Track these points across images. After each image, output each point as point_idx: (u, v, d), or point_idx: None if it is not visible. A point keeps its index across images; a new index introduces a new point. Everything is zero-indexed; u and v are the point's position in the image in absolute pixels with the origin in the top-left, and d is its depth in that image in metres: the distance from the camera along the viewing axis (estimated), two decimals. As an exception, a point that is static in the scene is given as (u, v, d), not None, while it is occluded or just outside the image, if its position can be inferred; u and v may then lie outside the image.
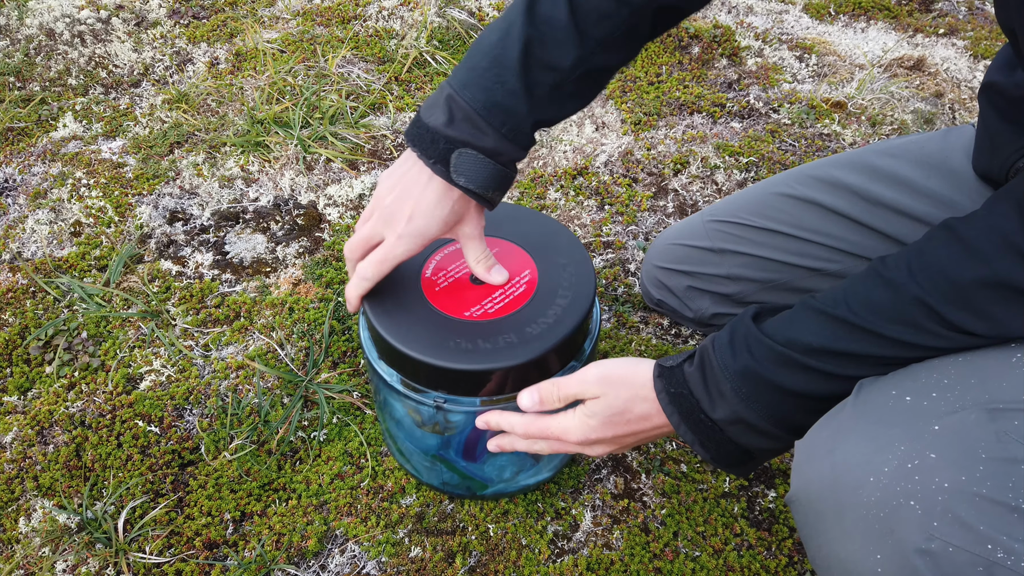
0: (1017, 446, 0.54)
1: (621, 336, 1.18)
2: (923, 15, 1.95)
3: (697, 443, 0.68)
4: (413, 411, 0.87)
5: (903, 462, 0.56)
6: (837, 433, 0.61)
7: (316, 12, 1.86)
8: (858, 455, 0.58)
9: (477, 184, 0.75)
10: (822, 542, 0.62)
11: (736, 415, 0.65)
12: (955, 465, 0.55)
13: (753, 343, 0.65)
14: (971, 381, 0.59)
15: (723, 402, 0.65)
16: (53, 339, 1.17)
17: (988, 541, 0.53)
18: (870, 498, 0.57)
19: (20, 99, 1.62)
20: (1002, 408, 0.56)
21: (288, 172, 1.44)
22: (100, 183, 1.41)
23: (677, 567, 0.94)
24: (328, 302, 1.21)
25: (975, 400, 0.57)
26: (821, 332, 0.63)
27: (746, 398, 0.64)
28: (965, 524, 0.53)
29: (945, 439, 0.56)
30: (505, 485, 0.97)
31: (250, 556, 0.94)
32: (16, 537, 0.97)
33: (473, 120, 0.73)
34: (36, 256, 1.30)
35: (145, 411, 1.08)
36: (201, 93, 1.62)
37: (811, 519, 0.62)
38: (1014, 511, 0.53)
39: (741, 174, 1.45)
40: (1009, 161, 0.78)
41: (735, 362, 0.64)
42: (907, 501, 0.55)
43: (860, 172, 0.96)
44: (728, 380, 0.65)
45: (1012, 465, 0.54)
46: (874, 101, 1.63)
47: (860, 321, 0.61)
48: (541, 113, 0.75)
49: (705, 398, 0.67)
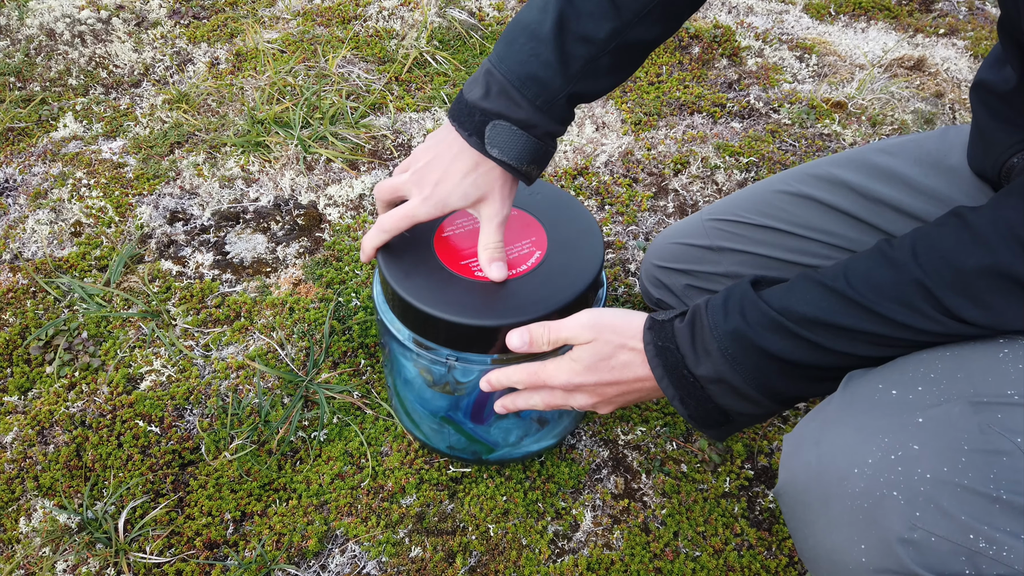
0: (1000, 438, 0.55)
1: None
2: (923, 15, 1.95)
3: (677, 399, 0.68)
4: (425, 371, 0.88)
5: (887, 453, 0.57)
6: (824, 425, 0.62)
7: (316, 12, 1.86)
8: (843, 446, 0.59)
9: (511, 156, 0.76)
10: (808, 533, 0.62)
11: (719, 374, 0.65)
12: (938, 456, 0.55)
13: (748, 306, 0.65)
14: (957, 375, 0.59)
15: (708, 360, 0.65)
16: (53, 339, 1.17)
17: (970, 531, 0.54)
18: (855, 488, 0.57)
19: (20, 99, 1.62)
20: (986, 402, 0.57)
21: (288, 172, 1.44)
22: (100, 183, 1.42)
23: (677, 567, 0.94)
24: (328, 302, 1.21)
25: (960, 393, 0.58)
26: (817, 303, 0.62)
27: (731, 359, 0.64)
28: (947, 514, 0.54)
29: (929, 431, 0.57)
30: (510, 449, 0.98)
31: (250, 556, 0.94)
32: (16, 537, 0.97)
33: (508, 92, 0.75)
34: (36, 256, 1.30)
35: (145, 411, 1.08)
36: (201, 93, 1.62)
37: (798, 510, 0.63)
38: (995, 502, 0.54)
39: (741, 174, 1.45)
40: (1001, 159, 0.79)
41: (726, 323, 0.65)
42: (890, 492, 0.56)
43: (859, 170, 0.96)
44: (716, 340, 0.65)
45: (994, 456, 0.55)
46: (874, 101, 1.62)
47: (857, 296, 0.61)
48: (576, 86, 0.76)
49: (691, 354, 0.66)
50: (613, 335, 0.72)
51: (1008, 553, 0.54)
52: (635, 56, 0.79)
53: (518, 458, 1.01)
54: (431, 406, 0.94)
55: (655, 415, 1.09)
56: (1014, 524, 0.54)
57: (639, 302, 1.23)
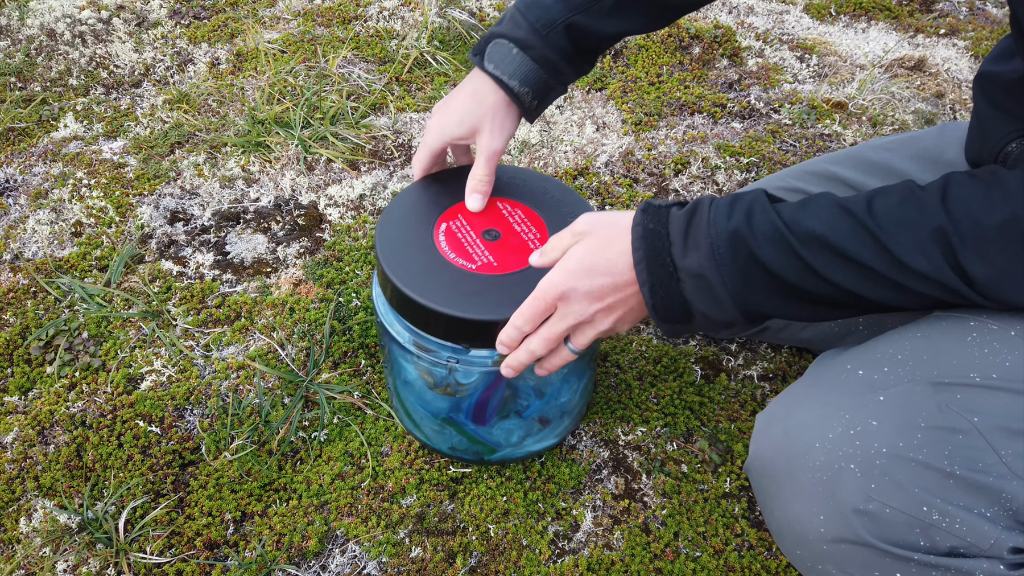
0: (957, 417, 0.56)
1: (622, 336, 1.18)
2: (924, 15, 1.95)
3: (648, 285, 0.65)
4: (425, 373, 0.88)
5: (847, 428, 0.59)
6: (791, 402, 0.64)
7: (317, 12, 1.86)
8: (808, 422, 0.61)
9: (505, 72, 0.78)
10: (774, 505, 0.64)
11: (701, 269, 0.63)
12: (895, 432, 0.57)
13: (757, 211, 0.62)
14: (923, 357, 0.61)
15: (695, 253, 0.63)
16: (54, 339, 1.17)
17: (923, 504, 0.56)
18: (816, 462, 0.59)
19: (21, 99, 1.62)
20: (948, 382, 0.58)
21: (289, 172, 1.44)
22: (101, 183, 1.42)
23: (678, 567, 0.94)
24: (329, 302, 1.21)
25: (924, 374, 0.59)
26: (829, 221, 0.60)
27: (719, 258, 0.62)
28: (901, 487, 0.56)
29: (888, 408, 0.58)
30: (512, 450, 0.98)
31: (251, 556, 0.94)
32: (17, 537, 0.97)
33: (514, 16, 0.79)
34: (37, 256, 1.30)
35: (146, 411, 1.08)
36: (202, 93, 1.62)
37: (765, 483, 0.65)
38: (949, 477, 0.56)
39: (742, 174, 1.45)
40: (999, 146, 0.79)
41: (728, 222, 0.62)
42: (848, 464, 0.58)
43: (857, 166, 0.97)
44: (709, 236, 0.62)
45: (951, 434, 0.56)
46: (875, 101, 1.62)
47: (873, 225, 0.59)
48: (576, 16, 0.78)
49: (680, 243, 0.63)
50: (608, 228, 0.69)
51: (960, 526, 0.56)
52: (639, 6, 0.80)
53: (520, 458, 1.01)
54: (432, 408, 0.94)
55: (655, 415, 1.09)
56: (968, 499, 0.56)
57: (639, 302, 1.23)
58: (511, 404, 0.94)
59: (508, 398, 0.93)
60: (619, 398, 1.10)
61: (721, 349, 1.17)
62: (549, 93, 0.82)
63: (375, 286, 0.90)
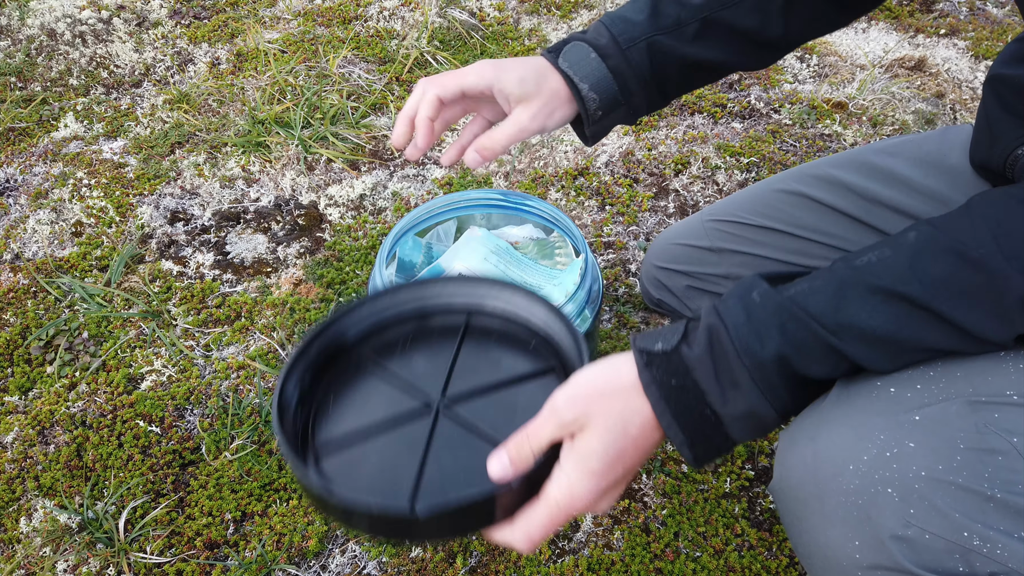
0: (996, 437, 0.55)
1: (622, 336, 1.18)
2: (924, 15, 1.95)
3: (686, 444, 0.56)
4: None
5: (882, 450, 0.56)
6: (820, 422, 0.60)
7: (317, 12, 1.86)
8: (839, 443, 0.58)
9: (576, 72, 0.77)
10: (803, 529, 0.61)
11: (751, 408, 0.55)
12: (933, 454, 0.55)
13: (789, 323, 0.54)
14: (957, 374, 0.58)
15: (738, 394, 0.54)
16: (54, 339, 1.17)
17: (964, 529, 0.53)
18: (849, 485, 0.56)
19: (21, 99, 1.62)
20: (984, 401, 0.56)
21: (289, 172, 1.44)
22: (101, 183, 1.42)
23: (678, 567, 0.94)
24: (329, 302, 1.21)
25: (959, 392, 0.56)
26: (885, 315, 0.54)
27: (768, 392, 0.54)
28: (941, 512, 0.54)
29: (925, 428, 0.56)
30: None
31: (251, 556, 0.94)
32: (17, 537, 0.97)
33: (598, 27, 0.79)
34: (37, 256, 1.30)
35: (146, 411, 1.08)
36: (202, 93, 1.62)
37: (793, 506, 0.61)
38: (990, 500, 0.54)
39: (742, 174, 1.45)
40: (1008, 149, 0.79)
41: (763, 348, 0.54)
42: (885, 488, 0.55)
43: (858, 170, 0.96)
44: (747, 369, 0.54)
45: (989, 455, 0.54)
46: (875, 102, 1.62)
47: (936, 304, 0.54)
48: (659, 35, 0.78)
49: (715, 390, 0.54)
50: (612, 400, 0.56)
51: (1002, 551, 0.54)
52: (725, 36, 0.80)
53: None
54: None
55: (655, 415, 1.09)
56: (1008, 523, 0.54)
57: (639, 302, 1.23)
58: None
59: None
60: (619, 398, 1.10)
61: (721, 349, 1.17)
62: (615, 110, 0.79)
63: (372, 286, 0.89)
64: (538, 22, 1.81)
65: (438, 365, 0.71)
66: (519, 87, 0.76)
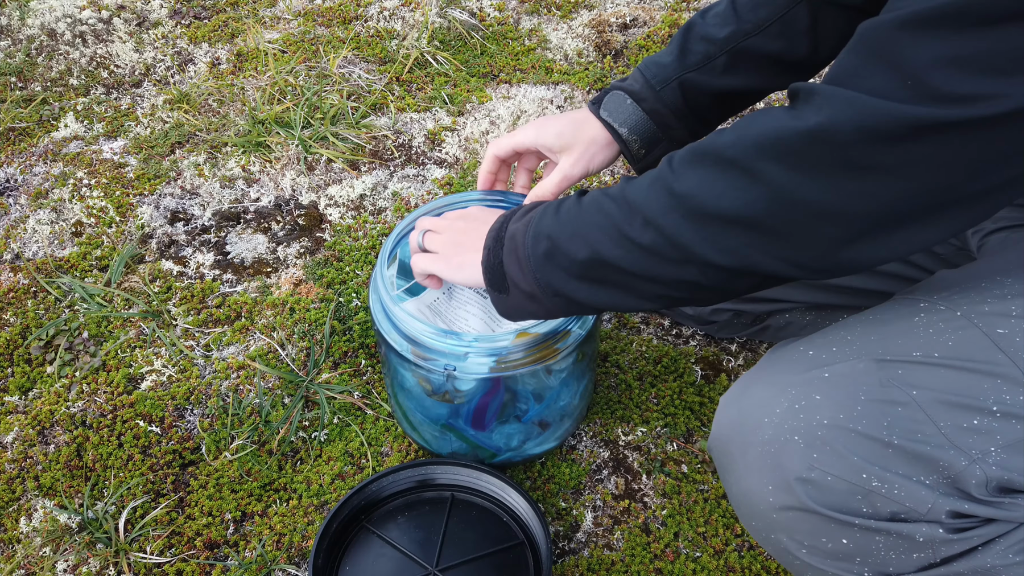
0: (897, 391, 0.60)
1: (622, 336, 1.18)
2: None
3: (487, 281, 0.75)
4: (424, 380, 0.88)
5: (792, 403, 0.62)
6: (747, 383, 0.68)
7: (317, 12, 1.86)
8: (759, 399, 0.65)
9: (616, 119, 0.84)
10: (732, 480, 0.68)
11: (514, 232, 0.71)
12: (836, 405, 0.61)
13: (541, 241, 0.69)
14: (871, 337, 0.64)
15: (520, 223, 0.72)
16: (54, 339, 1.17)
17: (863, 471, 0.59)
18: (764, 435, 0.63)
19: (22, 99, 1.62)
20: (890, 359, 0.61)
21: (289, 172, 1.44)
22: (101, 183, 1.42)
23: (678, 568, 0.94)
24: (329, 302, 1.21)
25: (869, 352, 0.62)
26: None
27: (528, 224, 0.70)
28: (841, 455, 0.60)
29: (831, 383, 0.62)
30: (513, 454, 0.98)
31: (251, 556, 0.94)
32: (17, 537, 0.97)
33: (635, 74, 0.85)
34: (37, 256, 1.30)
35: (146, 411, 1.08)
36: (202, 93, 1.62)
37: (724, 460, 0.69)
38: (888, 446, 0.59)
39: (742, 175, 1.45)
40: None
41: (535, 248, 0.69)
42: (792, 436, 0.61)
43: None
44: (530, 210, 0.72)
45: (890, 407, 0.60)
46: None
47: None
48: (690, 73, 0.83)
49: (518, 217, 0.73)
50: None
51: (899, 492, 0.59)
52: (754, 64, 0.83)
53: (521, 462, 1.01)
54: (431, 414, 0.94)
55: (655, 416, 1.09)
56: (906, 467, 0.59)
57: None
58: (510, 409, 0.94)
59: (507, 403, 0.93)
60: (619, 398, 1.10)
61: (721, 349, 1.17)
62: (658, 144, 0.86)
63: (372, 291, 0.90)
64: (538, 22, 1.81)
65: (430, 535, 0.92)
66: (557, 140, 0.86)
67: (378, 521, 0.94)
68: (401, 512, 0.95)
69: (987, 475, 0.58)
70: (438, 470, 0.96)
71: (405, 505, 0.96)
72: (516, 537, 0.92)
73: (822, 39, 0.82)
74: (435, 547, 0.91)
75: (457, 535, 0.92)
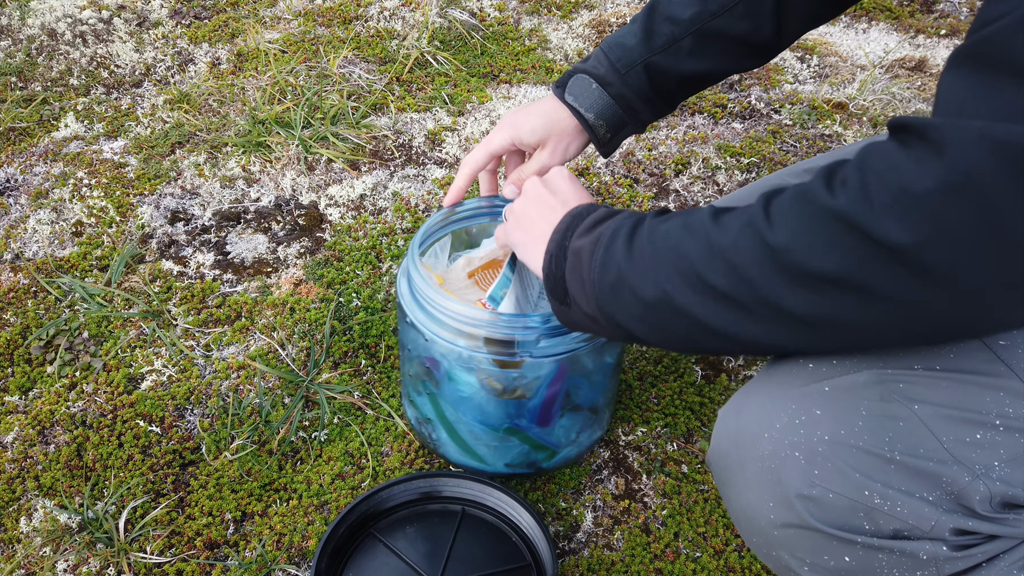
0: (899, 405, 0.58)
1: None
2: (925, 16, 1.95)
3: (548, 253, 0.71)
4: (492, 380, 0.87)
5: (792, 418, 0.61)
6: (745, 396, 0.67)
7: (318, 12, 1.86)
8: (757, 413, 0.64)
9: (582, 104, 0.83)
10: (731, 495, 0.67)
11: (580, 248, 0.68)
12: (837, 420, 0.59)
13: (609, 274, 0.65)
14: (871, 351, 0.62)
15: (586, 238, 0.67)
16: (54, 339, 1.17)
17: (864, 488, 0.58)
18: (764, 451, 0.62)
19: (22, 99, 1.62)
20: (891, 373, 0.60)
21: (289, 172, 1.44)
22: (102, 183, 1.42)
23: (678, 568, 0.94)
24: (329, 302, 1.21)
25: (870, 365, 0.61)
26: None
27: (600, 244, 0.66)
28: (842, 472, 0.58)
29: (831, 398, 0.60)
30: (570, 449, 0.98)
31: (251, 556, 0.94)
32: (17, 537, 0.97)
33: (598, 55, 0.84)
34: (37, 256, 1.30)
35: (146, 411, 1.08)
36: (203, 93, 1.62)
37: (723, 474, 0.68)
38: (890, 462, 0.58)
39: (742, 175, 1.45)
40: None
41: (622, 232, 0.65)
42: (792, 452, 0.60)
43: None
44: (600, 233, 0.66)
45: (891, 421, 0.58)
46: (876, 102, 1.62)
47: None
48: (655, 56, 0.82)
49: (582, 230, 0.69)
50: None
51: (902, 509, 0.58)
52: (720, 45, 0.82)
53: (574, 459, 1.00)
54: (492, 420, 0.92)
55: (656, 416, 1.09)
56: (908, 483, 0.58)
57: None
58: (569, 399, 0.94)
59: (568, 391, 0.93)
60: (620, 398, 1.10)
61: (721, 349, 1.17)
62: (624, 128, 0.86)
63: (401, 292, 0.88)
64: (538, 22, 1.81)
65: (437, 549, 0.91)
66: (532, 136, 0.86)
67: (386, 529, 0.93)
68: (410, 522, 0.94)
69: (991, 490, 0.56)
70: (450, 482, 0.96)
71: (414, 516, 0.95)
72: (523, 559, 0.91)
73: (786, 20, 0.81)
74: (441, 561, 0.90)
75: (464, 551, 0.91)
